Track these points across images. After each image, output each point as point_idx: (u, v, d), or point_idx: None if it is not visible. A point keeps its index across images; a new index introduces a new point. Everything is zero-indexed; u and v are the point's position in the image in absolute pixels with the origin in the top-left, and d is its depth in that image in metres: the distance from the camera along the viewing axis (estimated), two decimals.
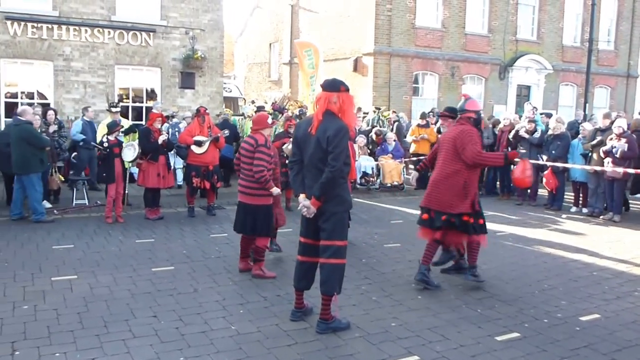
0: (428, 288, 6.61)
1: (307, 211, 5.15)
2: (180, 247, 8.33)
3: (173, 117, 13.82)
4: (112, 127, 10.00)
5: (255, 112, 13.01)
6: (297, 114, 14.78)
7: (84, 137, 12.29)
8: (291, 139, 9.27)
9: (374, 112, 16.81)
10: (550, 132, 12.38)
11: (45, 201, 10.55)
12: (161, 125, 10.36)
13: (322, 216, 5.16)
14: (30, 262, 7.36)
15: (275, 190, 6.81)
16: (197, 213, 10.70)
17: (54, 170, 10.86)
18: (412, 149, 14.88)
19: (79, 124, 12.61)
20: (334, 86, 5.16)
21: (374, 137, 14.91)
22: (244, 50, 32.64)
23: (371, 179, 14.03)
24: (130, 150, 9.91)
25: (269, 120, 6.96)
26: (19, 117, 9.79)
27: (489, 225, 7.53)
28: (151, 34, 15.05)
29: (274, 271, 7.15)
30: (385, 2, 19.92)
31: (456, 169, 6.50)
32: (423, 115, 14.96)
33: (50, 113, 11.09)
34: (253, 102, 22.07)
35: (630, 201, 12.64)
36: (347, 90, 5.20)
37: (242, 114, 17.19)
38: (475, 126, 6.72)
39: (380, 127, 15.75)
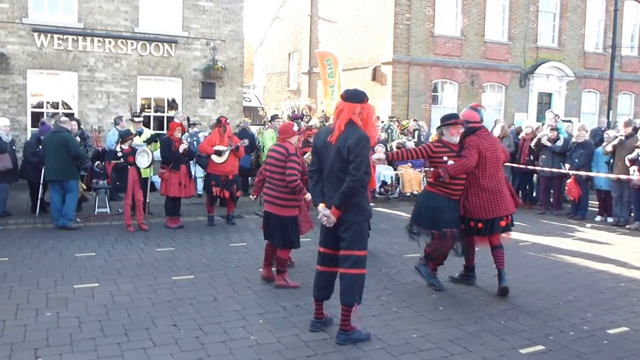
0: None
1: (327, 220, 5.13)
2: (200, 256, 8.35)
3: (195, 124, 13.87)
4: (125, 136, 10.08)
5: (270, 121, 13.05)
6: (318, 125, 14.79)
7: None
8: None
9: (389, 120, 16.77)
10: (573, 140, 12.24)
11: None
12: (181, 135, 10.40)
13: (342, 226, 5.13)
14: (53, 269, 7.43)
15: (309, 195, 6.66)
16: (216, 222, 10.73)
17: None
18: None
19: (115, 134, 12.05)
20: (357, 97, 5.12)
21: (394, 149, 14.86)
22: (263, 60, 32.82)
23: (390, 188, 13.97)
24: (143, 157, 9.96)
25: (295, 128, 6.93)
26: (60, 125, 10.01)
27: (512, 236, 7.50)
28: (173, 44, 15.21)
29: (292, 279, 7.13)
30: (404, 10, 19.91)
31: (503, 173, 7.08)
32: None
33: (74, 124, 11.17)
34: (262, 109, 22.21)
35: None
36: (368, 100, 5.19)
37: (263, 123, 17.23)
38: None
39: (390, 135, 15.67)
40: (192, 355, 4.94)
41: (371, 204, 5.64)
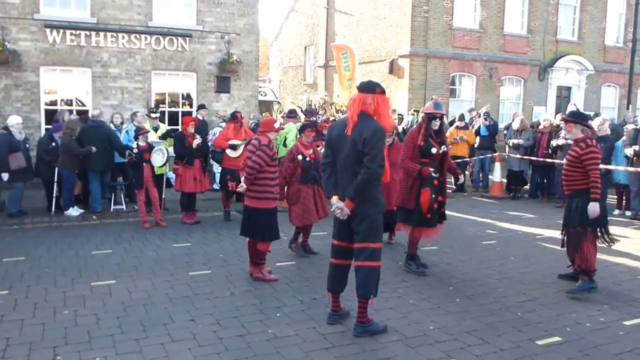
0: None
1: (341, 213, 5.12)
2: (217, 251, 8.38)
3: (224, 120, 13.89)
4: (137, 132, 10.17)
5: (287, 116, 13.02)
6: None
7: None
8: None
9: (412, 114, 16.64)
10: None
11: (75, 207, 10.84)
12: (194, 130, 10.37)
13: (355, 218, 5.13)
14: (70, 267, 7.47)
15: (242, 188, 6.82)
16: (233, 217, 10.72)
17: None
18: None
19: (132, 130, 11.96)
20: (369, 88, 5.14)
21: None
22: (279, 53, 32.80)
23: None
24: (159, 156, 9.97)
25: (276, 125, 7.01)
26: (98, 119, 11.02)
27: (530, 229, 7.48)
28: (187, 38, 15.19)
29: (309, 273, 7.21)
30: (422, 3, 19.79)
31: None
32: (462, 117, 14.78)
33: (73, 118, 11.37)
34: (278, 103, 22.13)
35: None
36: (383, 92, 5.17)
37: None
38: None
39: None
40: (211, 349, 4.96)
41: None
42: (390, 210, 7.66)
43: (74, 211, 10.67)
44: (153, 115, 12.24)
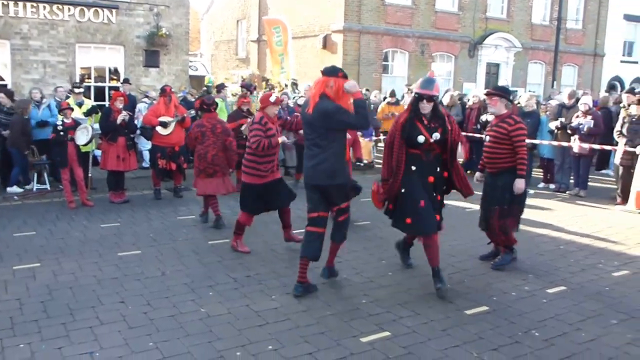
0: None
1: None
2: (147, 231, 8.19)
3: (147, 96, 13.53)
4: (59, 109, 9.87)
5: (217, 91, 12.82)
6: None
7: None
8: (248, 120, 9.37)
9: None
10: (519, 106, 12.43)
11: (15, 186, 10.54)
12: (122, 106, 10.04)
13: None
14: None
15: (282, 138, 7.02)
16: (163, 195, 10.49)
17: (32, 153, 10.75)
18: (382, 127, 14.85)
19: (53, 105, 11.54)
20: (332, 72, 5.54)
21: None
22: (210, 27, 32.10)
23: None
24: (83, 134, 9.59)
25: (272, 99, 7.03)
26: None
27: (458, 203, 7.60)
28: (114, 10, 14.64)
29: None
30: None
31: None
32: (392, 93, 14.91)
33: (2, 96, 10.80)
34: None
35: (595, 177, 12.80)
36: (345, 77, 5.53)
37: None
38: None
39: None
40: (141, 331, 4.86)
41: None
42: None
43: (17, 189, 10.45)
44: (77, 90, 11.75)
